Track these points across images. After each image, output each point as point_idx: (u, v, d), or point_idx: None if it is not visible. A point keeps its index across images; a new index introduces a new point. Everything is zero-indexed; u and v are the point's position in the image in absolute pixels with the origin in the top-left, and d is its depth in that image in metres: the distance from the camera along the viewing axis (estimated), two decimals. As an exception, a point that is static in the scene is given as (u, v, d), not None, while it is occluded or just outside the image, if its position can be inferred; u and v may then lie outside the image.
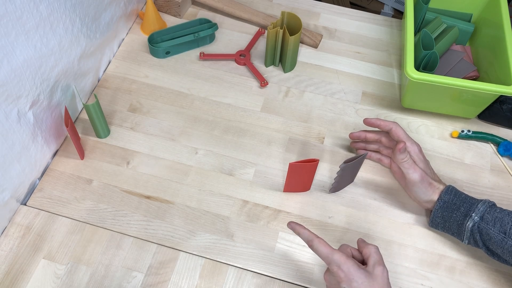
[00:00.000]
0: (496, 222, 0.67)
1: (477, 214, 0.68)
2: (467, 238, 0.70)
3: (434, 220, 0.73)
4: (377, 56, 0.99)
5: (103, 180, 0.80)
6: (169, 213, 0.77)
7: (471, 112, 0.88)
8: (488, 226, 0.67)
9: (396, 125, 0.75)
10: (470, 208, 0.69)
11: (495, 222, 0.67)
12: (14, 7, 0.61)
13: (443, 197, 0.71)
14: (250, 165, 0.82)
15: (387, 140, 0.79)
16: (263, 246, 0.74)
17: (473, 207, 0.69)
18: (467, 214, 0.69)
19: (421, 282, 0.72)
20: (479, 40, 0.95)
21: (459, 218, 0.70)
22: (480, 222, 0.68)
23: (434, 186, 0.72)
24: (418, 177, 0.71)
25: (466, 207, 0.70)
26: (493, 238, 0.66)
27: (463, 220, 0.69)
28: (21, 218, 0.75)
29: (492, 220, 0.67)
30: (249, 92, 0.92)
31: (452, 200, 0.71)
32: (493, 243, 0.67)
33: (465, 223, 0.69)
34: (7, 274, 0.69)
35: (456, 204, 0.70)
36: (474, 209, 0.69)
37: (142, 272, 0.71)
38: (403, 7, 1.16)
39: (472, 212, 0.68)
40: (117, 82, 0.92)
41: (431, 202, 0.73)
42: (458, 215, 0.70)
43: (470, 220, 0.68)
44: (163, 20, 1.00)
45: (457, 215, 0.70)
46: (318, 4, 1.08)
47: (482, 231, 0.68)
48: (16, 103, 0.67)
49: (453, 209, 0.70)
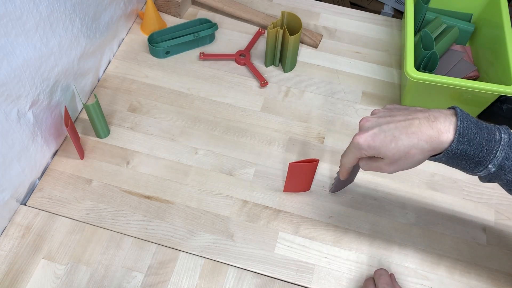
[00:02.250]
0: None
1: (494, 166, 0.54)
2: (500, 154, 0.53)
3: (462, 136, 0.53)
4: (377, 56, 0.99)
5: (103, 180, 0.80)
6: (169, 213, 0.77)
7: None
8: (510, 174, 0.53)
9: None
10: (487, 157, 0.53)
11: None
12: (14, 7, 0.61)
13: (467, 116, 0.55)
14: (250, 165, 0.82)
15: None
16: (263, 246, 0.74)
17: (489, 156, 0.53)
18: (481, 163, 0.54)
19: (421, 282, 0.72)
20: (479, 40, 0.95)
21: (493, 132, 0.54)
22: (500, 170, 0.53)
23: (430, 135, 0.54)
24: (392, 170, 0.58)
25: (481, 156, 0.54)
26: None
27: (474, 168, 0.55)
28: (21, 218, 0.75)
29: (509, 166, 0.53)
30: (249, 92, 0.92)
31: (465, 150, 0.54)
32: None
33: (479, 170, 0.55)
34: (7, 274, 0.69)
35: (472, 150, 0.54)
36: (491, 159, 0.53)
37: (142, 272, 0.71)
38: (403, 7, 1.16)
39: (489, 163, 0.54)
40: (117, 82, 0.92)
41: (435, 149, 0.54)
42: (493, 129, 0.55)
43: (485, 170, 0.54)
44: (163, 20, 1.00)
45: (491, 128, 0.55)
46: (318, 4, 1.08)
47: (502, 178, 0.54)
48: (16, 103, 0.67)
49: (481, 127, 0.54)
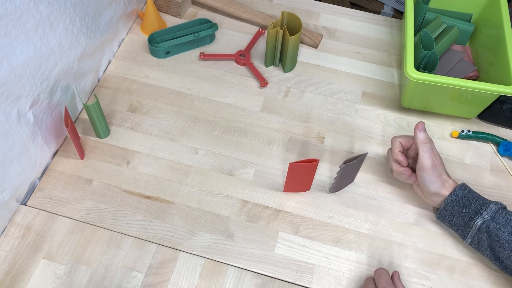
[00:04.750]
0: (507, 223, 0.67)
1: (488, 213, 0.68)
2: (471, 237, 0.70)
3: (442, 213, 0.73)
4: (377, 56, 0.99)
5: (103, 180, 0.80)
6: (169, 213, 0.77)
7: (471, 112, 0.88)
8: (498, 227, 0.67)
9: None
10: (482, 207, 0.69)
11: (506, 223, 0.67)
12: (14, 7, 0.61)
13: (457, 191, 0.71)
14: (250, 165, 0.82)
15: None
16: (263, 246, 0.74)
17: (485, 206, 0.69)
18: (478, 212, 0.69)
19: (421, 282, 0.72)
20: (479, 40, 0.95)
21: (469, 214, 0.70)
22: (490, 221, 0.68)
23: (444, 179, 0.72)
24: (430, 163, 0.71)
25: (478, 204, 0.69)
26: (501, 240, 0.66)
27: (473, 217, 0.69)
28: (21, 218, 0.75)
29: (503, 221, 0.67)
30: (249, 92, 0.92)
31: (465, 196, 0.70)
32: (500, 245, 0.66)
33: (474, 220, 0.69)
34: (7, 274, 0.69)
35: (468, 200, 0.70)
36: (485, 208, 0.69)
37: (142, 272, 0.71)
38: (403, 7, 1.16)
39: (483, 211, 0.68)
40: (117, 82, 0.92)
41: (437, 195, 0.72)
42: (468, 211, 0.70)
43: (480, 218, 0.68)
44: (163, 20, 1.00)
45: (467, 211, 0.70)
46: (318, 4, 1.08)
47: (491, 231, 0.67)
48: (16, 103, 0.67)
49: (464, 205, 0.70)
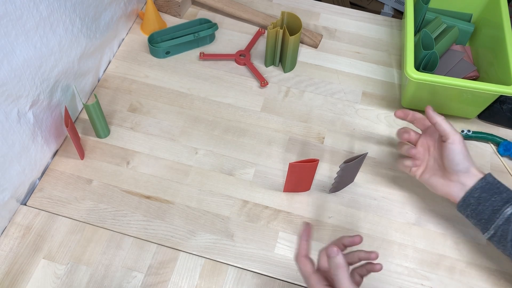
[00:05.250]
0: None
1: None
2: (495, 228, 0.66)
3: (467, 200, 0.68)
4: (377, 56, 0.99)
5: (103, 180, 0.80)
6: (169, 213, 0.77)
7: (471, 112, 0.88)
8: None
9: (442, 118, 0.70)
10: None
11: None
12: (14, 7, 0.61)
13: (488, 178, 0.67)
14: (250, 165, 0.82)
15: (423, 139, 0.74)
16: (263, 246, 0.74)
17: None
18: (509, 201, 0.65)
19: (421, 282, 0.72)
20: (479, 40, 0.95)
21: (498, 203, 0.65)
22: None
23: (470, 165, 0.68)
24: (459, 138, 0.67)
25: (509, 193, 0.65)
26: None
27: (502, 206, 0.65)
28: (21, 218, 0.75)
29: None
30: (249, 92, 0.92)
31: (496, 184, 0.67)
32: None
33: (503, 210, 0.65)
34: (7, 274, 0.69)
35: (499, 188, 0.66)
36: None
37: (142, 272, 0.71)
38: (403, 7, 1.16)
39: None
40: (117, 82, 0.92)
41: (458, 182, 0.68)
42: (498, 199, 0.66)
43: (511, 207, 0.64)
44: (163, 20, 1.00)
45: (496, 199, 0.66)
46: (318, 4, 1.08)
47: None
48: (16, 103, 0.67)
49: (494, 192, 0.66)
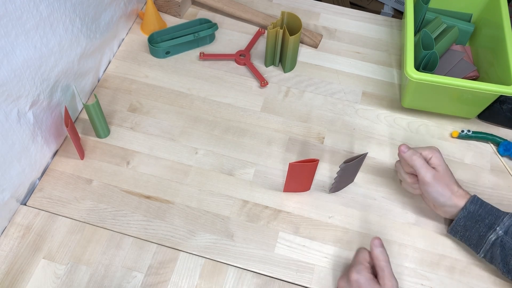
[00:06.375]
0: None
1: (501, 228, 0.67)
2: (484, 252, 0.69)
3: (454, 228, 0.71)
4: (377, 56, 0.99)
5: (103, 180, 0.80)
6: (169, 213, 0.77)
7: (471, 112, 0.88)
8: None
9: (434, 151, 0.72)
10: (495, 221, 0.67)
11: None
12: (14, 7, 0.61)
13: (469, 207, 0.69)
14: (250, 165, 0.82)
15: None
16: (263, 246, 0.74)
17: (498, 220, 0.68)
18: (492, 227, 0.68)
19: (421, 282, 0.72)
20: (479, 40, 0.95)
21: (482, 230, 0.68)
22: (504, 236, 0.66)
23: (453, 190, 0.70)
24: (430, 176, 0.69)
25: (491, 219, 0.68)
26: None
27: (486, 233, 0.68)
28: (21, 218, 0.75)
29: None
30: (249, 92, 0.92)
31: (477, 211, 0.69)
32: None
33: (488, 236, 0.68)
34: (7, 274, 0.69)
35: (481, 215, 0.69)
36: (499, 223, 0.67)
37: (142, 272, 0.71)
38: (403, 7, 1.16)
39: (497, 226, 0.67)
40: (117, 82, 0.92)
41: (448, 206, 0.71)
42: (481, 226, 0.68)
43: (494, 233, 0.67)
44: (163, 20, 1.00)
45: (480, 226, 0.68)
46: (318, 4, 1.08)
47: (505, 245, 0.66)
48: (16, 103, 0.67)
49: (477, 220, 0.69)
